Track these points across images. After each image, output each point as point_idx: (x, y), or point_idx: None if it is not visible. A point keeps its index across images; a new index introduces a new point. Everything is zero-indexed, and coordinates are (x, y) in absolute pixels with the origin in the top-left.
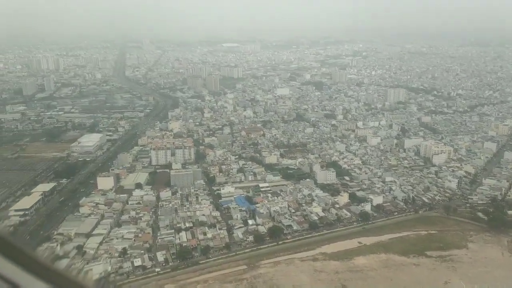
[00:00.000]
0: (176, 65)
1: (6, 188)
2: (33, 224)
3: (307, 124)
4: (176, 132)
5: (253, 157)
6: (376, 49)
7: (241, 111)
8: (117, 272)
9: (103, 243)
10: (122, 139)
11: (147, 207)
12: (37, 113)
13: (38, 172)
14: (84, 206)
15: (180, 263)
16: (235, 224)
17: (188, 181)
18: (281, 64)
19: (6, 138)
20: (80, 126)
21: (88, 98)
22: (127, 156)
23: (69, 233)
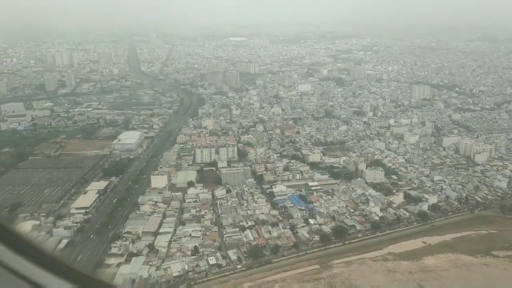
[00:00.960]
0: (190, 61)
1: (59, 186)
2: (97, 222)
3: (338, 121)
4: (211, 130)
5: (295, 155)
6: (385, 44)
7: (268, 108)
8: (194, 270)
9: (173, 241)
10: (159, 136)
11: (205, 205)
12: (65, 110)
13: (86, 170)
14: (144, 204)
15: (252, 261)
16: (297, 223)
17: (239, 180)
18: (293, 59)
19: (42, 135)
20: (113, 123)
21: (112, 94)
22: (171, 154)
23: (137, 231)
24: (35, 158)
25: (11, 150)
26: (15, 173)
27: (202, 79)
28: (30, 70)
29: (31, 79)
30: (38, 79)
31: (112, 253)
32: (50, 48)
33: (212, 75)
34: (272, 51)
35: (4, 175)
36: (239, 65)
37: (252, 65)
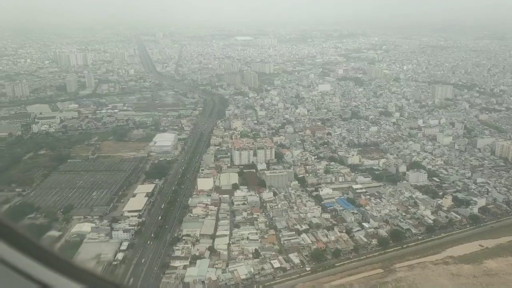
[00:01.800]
0: (203, 61)
1: (105, 189)
2: (152, 225)
3: (367, 122)
4: (241, 132)
5: (333, 157)
6: (393, 43)
7: (292, 109)
8: (260, 273)
9: (231, 244)
10: (191, 138)
11: (254, 207)
12: (91, 111)
13: (128, 173)
14: (196, 207)
15: (316, 265)
16: (352, 227)
17: (283, 182)
18: (304, 58)
19: (75, 137)
20: (142, 124)
21: (134, 95)
22: (210, 156)
23: (195, 234)
24: (74, 160)
25: (48, 153)
26: (58, 175)
27: (219, 80)
28: (46, 70)
29: (50, 80)
30: (57, 80)
31: (176, 255)
32: (60, 48)
33: (230, 75)
34: (282, 50)
35: (48, 178)
36: (254, 65)
37: (267, 65)
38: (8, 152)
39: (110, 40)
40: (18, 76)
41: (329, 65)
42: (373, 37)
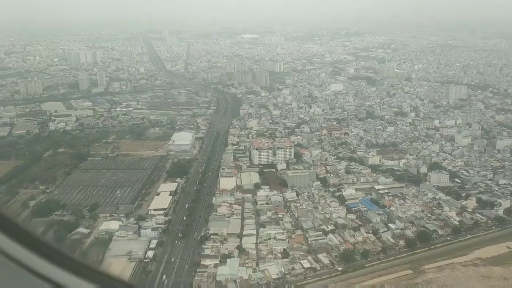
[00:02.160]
0: (212, 59)
1: (128, 187)
2: (179, 223)
3: (383, 122)
4: (257, 131)
5: (352, 158)
6: (401, 42)
7: (306, 108)
8: (291, 273)
9: (259, 244)
10: (208, 137)
11: (278, 207)
12: (106, 109)
13: (149, 171)
14: (220, 206)
15: (345, 266)
16: (378, 228)
17: (305, 182)
18: (313, 57)
19: (92, 135)
20: (158, 123)
21: (147, 94)
22: (229, 156)
23: (222, 233)
24: (94, 159)
25: (67, 151)
26: (80, 173)
27: (230, 78)
28: (56, 68)
29: (61, 78)
30: (68, 78)
31: (206, 254)
32: (67, 45)
33: (241, 74)
34: (289, 48)
35: (70, 176)
36: (263, 63)
37: (277, 64)
38: (27, 149)
39: (116, 37)
40: (29, 73)
41: (339, 64)
42: (380, 36)
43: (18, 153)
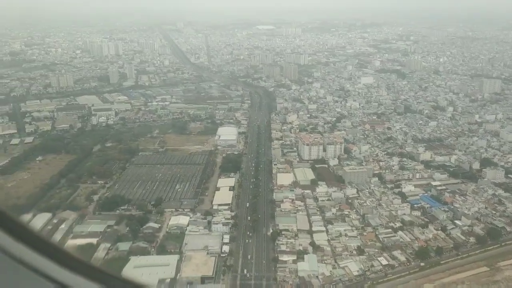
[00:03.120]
0: (234, 51)
1: (186, 182)
2: (244, 219)
3: (422, 117)
4: (299, 125)
5: (401, 153)
6: (419, 33)
7: (342, 102)
8: (370, 270)
9: (331, 240)
10: (250, 132)
11: (342, 204)
12: (142, 103)
13: (202, 166)
14: (284, 202)
15: (421, 263)
16: (446, 225)
17: (363, 179)
18: (334, 49)
19: (135, 129)
20: (197, 117)
21: (178, 87)
22: (279, 151)
23: (292, 228)
24: (145, 153)
25: (115, 145)
26: (134, 168)
27: (256, 71)
28: (80, 60)
29: (88, 71)
30: (95, 71)
31: (282, 250)
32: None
33: (268, 67)
34: (308, 40)
35: (126, 171)
36: (287, 56)
37: (302, 56)
38: (76, 144)
39: (132, 29)
40: (54, 66)
41: (362, 56)
42: (397, 27)
43: (68, 148)
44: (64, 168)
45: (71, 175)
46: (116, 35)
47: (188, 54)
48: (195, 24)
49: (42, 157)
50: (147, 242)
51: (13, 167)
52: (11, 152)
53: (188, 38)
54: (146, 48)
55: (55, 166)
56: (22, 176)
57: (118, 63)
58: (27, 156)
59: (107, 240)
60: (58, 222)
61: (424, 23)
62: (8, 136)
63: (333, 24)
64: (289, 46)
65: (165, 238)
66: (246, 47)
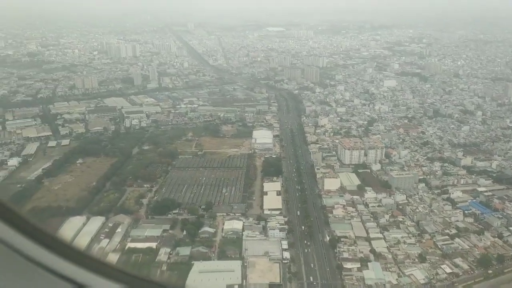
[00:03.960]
0: (250, 53)
1: (231, 186)
2: (298, 224)
3: (452, 121)
4: (332, 129)
5: (441, 158)
6: (431, 36)
7: (369, 105)
8: (435, 278)
9: (391, 248)
10: (283, 135)
11: (394, 210)
12: (170, 105)
13: (244, 170)
14: (336, 208)
15: (484, 271)
16: (501, 232)
17: (409, 184)
18: (349, 51)
19: (169, 132)
20: (227, 120)
21: (203, 90)
22: (319, 155)
23: (349, 235)
24: (185, 157)
25: (152, 148)
26: (177, 172)
27: (276, 74)
28: (99, 62)
29: (109, 72)
30: (116, 72)
31: (345, 257)
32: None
33: (289, 69)
34: (321, 42)
35: (169, 174)
36: (305, 58)
37: (320, 59)
38: (114, 147)
39: (143, 30)
40: (75, 67)
41: (378, 58)
42: (406, 30)
43: (106, 151)
44: (107, 171)
45: (115, 179)
46: (129, 36)
47: (205, 56)
48: (205, 25)
49: (82, 160)
50: (206, 247)
51: (56, 170)
52: (50, 155)
53: (201, 39)
54: (163, 50)
55: (96, 169)
56: (66, 179)
57: (138, 64)
58: (68, 159)
59: (166, 245)
60: (113, 226)
61: (433, 25)
62: (44, 138)
63: (343, 26)
64: (303, 48)
65: (223, 243)
66: (261, 49)
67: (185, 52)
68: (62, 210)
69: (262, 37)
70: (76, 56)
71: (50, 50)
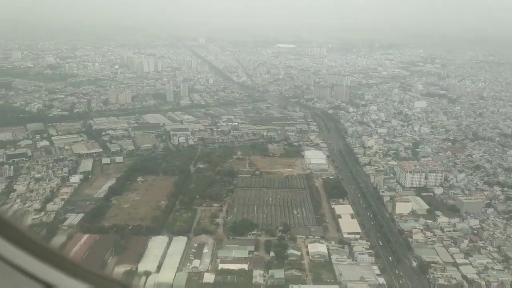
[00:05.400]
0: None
1: (300, 207)
2: (380, 249)
3: (495, 144)
4: (380, 150)
5: (499, 182)
6: (443, 56)
7: (407, 126)
8: None
9: (480, 274)
10: (332, 155)
11: (472, 235)
12: (211, 123)
13: (306, 191)
14: (415, 233)
15: None
16: None
17: (478, 209)
18: (367, 70)
19: (219, 150)
20: (271, 139)
21: (236, 107)
22: (381, 178)
23: (437, 261)
24: (244, 176)
25: (209, 167)
26: (242, 191)
27: (302, 92)
28: (123, 76)
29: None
30: (143, 87)
31: (441, 284)
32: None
33: (318, 88)
34: (337, 60)
35: (235, 194)
36: (329, 77)
37: (345, 78)
38: (169, 165)
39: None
40: (100, 81)
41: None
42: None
43: (164, 169)
44: (172, 190)
45: (183, 198)
46: (143, 50)
47: (227, 72)
48: (214, 40)
49: (142, 178)
50: (297, 269)
51: (120, 187)
52: (107, 172)
53: (216, 55)
54: (183, 65)
55: (160, 188)
56: (132, 197)
57: (163, 80)
58: (128, 176)
59: (257, 267)
60: (199, 246)
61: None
62: (96, 155)
63: (353, 44)
64: (320, 66)
65: (313, 266)
66: (279, 66)
67: (207, 68)
68: (142, 230)
69: (275, 53)
70: (98, 69)
71: (70, 63)
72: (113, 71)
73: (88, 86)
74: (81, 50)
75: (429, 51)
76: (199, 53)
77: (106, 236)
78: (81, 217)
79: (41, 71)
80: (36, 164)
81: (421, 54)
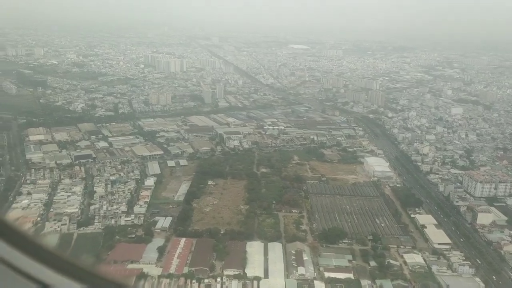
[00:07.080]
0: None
1: (380, 216)
2: (474, 259)
3: None
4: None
5: None
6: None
7: (453, 133)
8: None
9: None
10: (390, 162)
11: None
12: (255, 126)
13: (379, 199)
14: (507, 244)
15: None
16: None
17: None
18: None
19: (275, 155)
20: (323, 144)
21: (276, 111)
22: (451, 187)
23: None
24: (312, 182)
25: (273, 171)
26: (316, 198)
27: (334, 95)
28: (151, 76)
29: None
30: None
31: None
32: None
33: (353, 93)
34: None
35: (311, 201)
36: (358, 80)
37: (374, 82)
38: (234, 169)
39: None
40: (131, 80)
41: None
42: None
43: (231, 172)
44: (247, 195)
45: (261, 203)
46: (160, 48)
47: (252, 73)
48: (226, 39)
49: (213, 182)
50: (403, 280)
51: (197, 191)
52: (176, 175)
53: (234, 55)
54: (207, 66)
55: (233, 192)
56: (210, 201)
57: (192, 80)
58: (199, 180)
59: (362, 276)
60: (297, 253)
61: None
62: (159, 157)
63: (366, 47)
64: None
65: (415, 277)
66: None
67: (232, 69)
68: (235, 234)
69: (291, 54)
70: (124, 68)
71: (93, 61)
72: (140, 70)
73: (121, 85)
74: (99, 47)
75: (443, 55)
76: (216, 53)
77: (202, 240)
78: (170, 220)
79: (68, 69)
80: (105, 166)
81: (437, 58)
